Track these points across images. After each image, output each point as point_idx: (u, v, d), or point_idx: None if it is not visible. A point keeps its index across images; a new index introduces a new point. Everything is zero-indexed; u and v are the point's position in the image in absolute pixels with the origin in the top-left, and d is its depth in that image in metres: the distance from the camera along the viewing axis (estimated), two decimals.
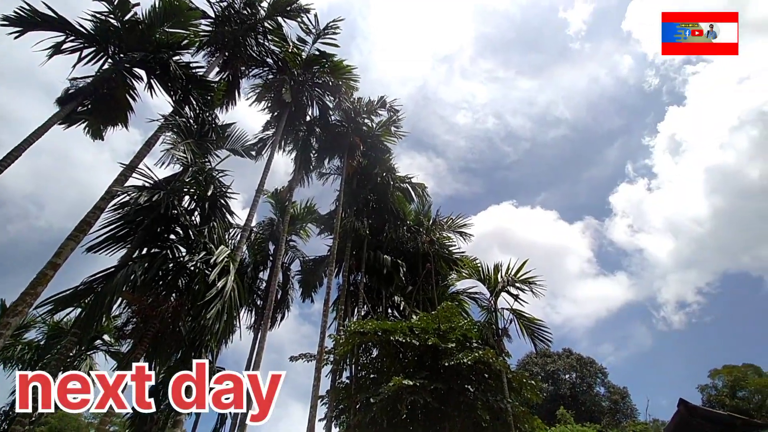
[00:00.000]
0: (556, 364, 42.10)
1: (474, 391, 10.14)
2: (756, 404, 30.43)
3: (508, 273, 12.28)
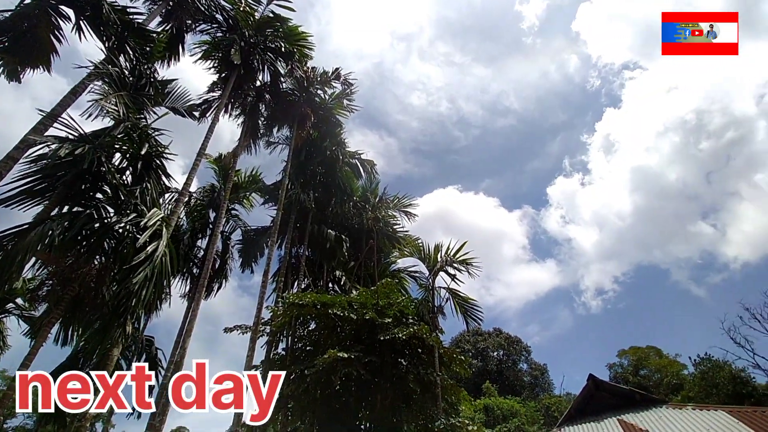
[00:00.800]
0: (486, 342, 44.62)
1: (406, 365, 10.48)
2: (655, 381, 34.05)
3: (448, 253, 12.68)
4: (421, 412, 11.43)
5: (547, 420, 29.77)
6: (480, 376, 40.39)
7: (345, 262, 18.04)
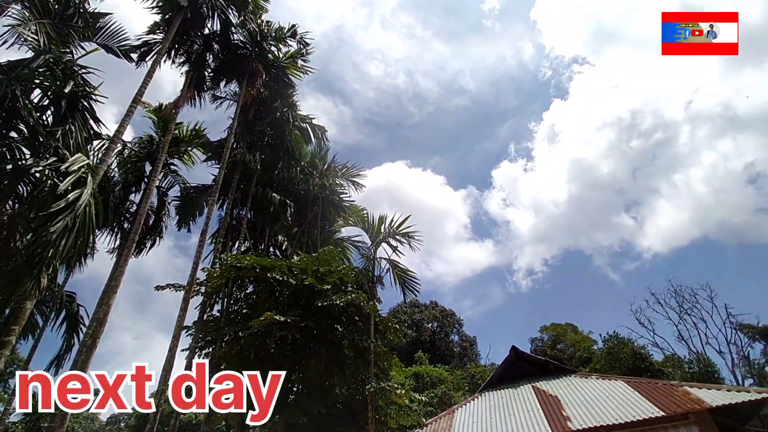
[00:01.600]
0: (422, 314, 46.37)
1: (342, 331, 10.68)
2: (569, 355, 37.19)
3: (391, 225, 12.86)
4: (353, 377, 11.77)
5: (471, 387, 31.69)
6: (414, 346, 42.07)
7: (288, 227, 17.77)
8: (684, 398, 8.64)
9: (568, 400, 10.12)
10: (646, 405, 8.73)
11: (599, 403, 9.50)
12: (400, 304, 47.78)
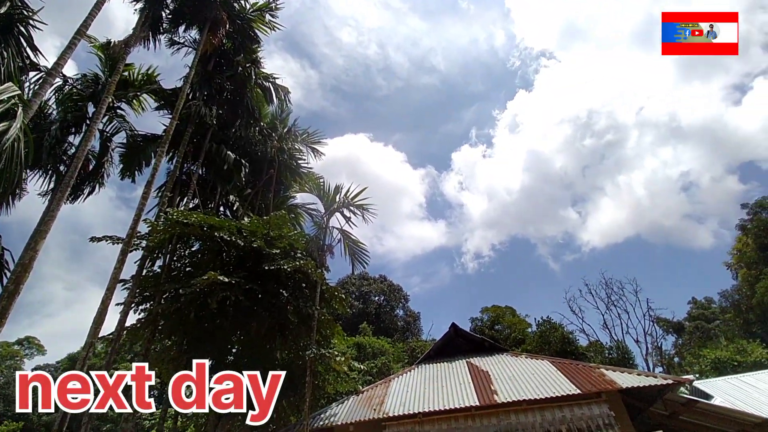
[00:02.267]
0: (370, 287, 47.13)
1: (287, 296, 10.64)
2: (505, 335, 39.22)
3: (347, 195, 12.79)
4: (295, 342, 11.85)
5: (411, 360, 32.86)
6: (359, 317, 42.85)
7: (241, 188, 17.23)
8: (599, 379, 9.43)
9: (497, 376, 10.76)
10: (565, 383, 9.45)
11: (525, 379, 10.17)
12: (349, 276, 48.24)
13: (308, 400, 9.53)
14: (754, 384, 13.62)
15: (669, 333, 41.32)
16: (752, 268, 32.54)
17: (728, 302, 39.01)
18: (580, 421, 8.51)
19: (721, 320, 37.65)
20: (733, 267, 37.64)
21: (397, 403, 9.97)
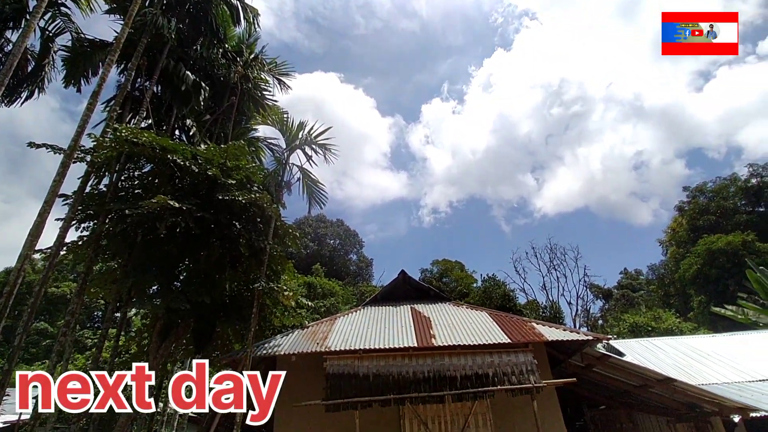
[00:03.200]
0: (327, 230, 47.47)
1: (240, 228, 10.51)
2: (451, 288, 41.14)
3: (310, 133, 12.46)
4: (245, 274, 11.88)
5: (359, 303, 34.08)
6: (313, 258, 43.37)
7: (200, 113, 16.32)
8: (529, 332, 10.21)
9: (438, 322, 11.40)
10: (499, 333, 10.18)
11: (462, 327, 10.85)
12: (306, 217, 48.21)
13: (253, 330, 9.74)
14: (661, 347, 15.27)
15: (599, 298, 44.90)
16: (681, 246, 35.38)
17: (654, 275, 42.60)
18: (506, 366, 9.27)
19: (645, 291, 41.23)
20: (665, 244, 40.76)
21: (340, 339, 10.41)
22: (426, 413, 10.15)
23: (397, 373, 9.29)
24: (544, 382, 9.07)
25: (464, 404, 9.93)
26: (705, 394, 9.43)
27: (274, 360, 10.92)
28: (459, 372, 9.22)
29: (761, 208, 33.69)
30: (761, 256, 27.06)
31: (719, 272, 28.99)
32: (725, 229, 31.41)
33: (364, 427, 8.87)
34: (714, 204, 35.32)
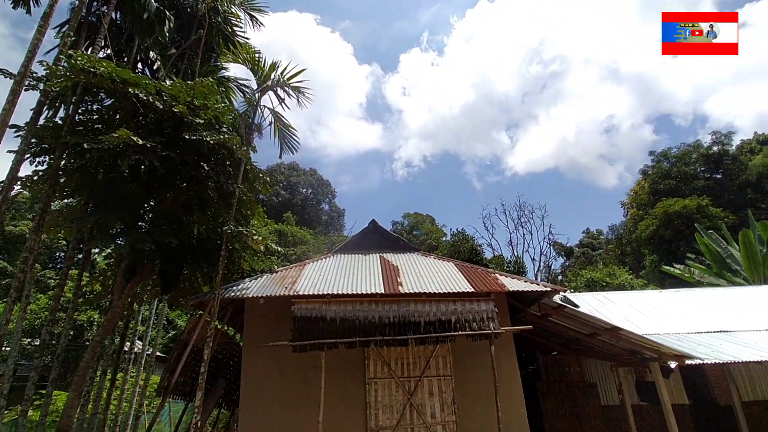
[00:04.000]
0: (299, 178, 46.79)
1: (208, 171, 10.21)
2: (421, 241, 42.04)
3: (283, 74, 11.93)
4: (213, 218, 11.69)
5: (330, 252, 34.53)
6: (284, 206, 43.00)
7: (164, 46, 15.27)
8: (492, 282, 10.66)
9: (405, 271, 11.70)
10: (463, 282, 10.58)
11: (429, 276, 11.19)
12: (278, 164, 47.31)
13: (221, 272, 9.73)
14: (612, 300, 16.32)
15: (561, 255, 47.02)
16: (641, 209, 36.99)
17: (614, 235, 44.70)
18: (468, 313, 9.72)
19: (604, 249, 43.37)
20: (626, 206, 42.51)
21: (309, 284, 10.57)
22: (390, 355, 10.66)
23: (363, 317, 9.59)
24: (503, 329, 9.60)
25: (426, 348, 10.48)
26: (646, 342, 10.25)
27: (242, 303, 11.04)
28: (423, 318, 9.61)
29: (719, 175, 35.31)
30: (712, 220, 28.72)
31: (673, 234, 30.68)
32: (683, 194, 32.92)
33: (330, 366, 9.25)
34: (675, 169, 36.70)
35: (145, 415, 15.03)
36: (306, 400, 9.70)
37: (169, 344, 22.89)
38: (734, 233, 25.60)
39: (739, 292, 17.74)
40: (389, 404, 10.33)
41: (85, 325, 17.36)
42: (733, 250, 24.80)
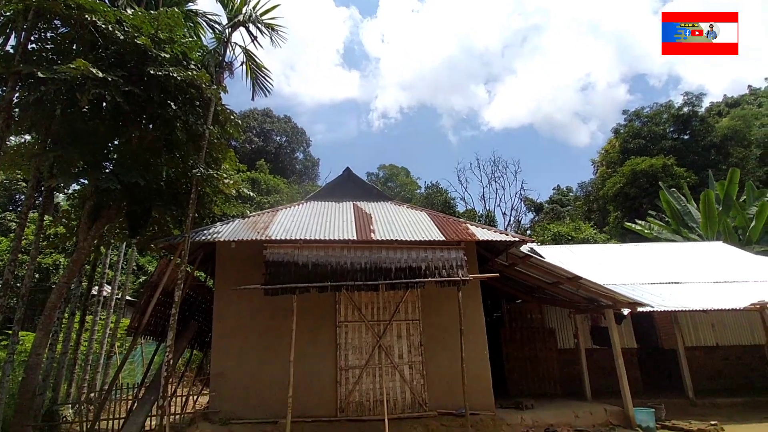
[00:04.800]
0: (273, 125, 45.37)
1: (176, 110, 9.76)
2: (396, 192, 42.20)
3: (255, 9, 11.22)
4: (183, 161, 11.32)
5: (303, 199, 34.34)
6: (257, 153, 41.92)
7: None
8: (463, 231, 10.92)
9: (378, 219, 11.81)
10: (435, 231, 10.79)
11: (401, 224, 11.35)
12: (251, 110, 45.60)
13: (191, 216, 9.57)
14: (576, 252, 17.08)
15: (531, 211, 48.31)
16: (610, 167, 37.95)
17: (583, 192, 46.01)
18: (438, 261, 9.99)
19: (572, 206, 44.74)
20: (597, 164, 43.49)
21: (281, 229, 10.56)
22: (360, 300, 10.97)
23: (335, 263, 9.74)
24: (471, 276, 9.95)
25: (397, 293, 10.80)
26: (604, 290, 10.89)
27: (213, 247, 10.99)
28: (394, 264, 9.84)
29: (686, 135, 36.30)
30: (676, 179, 29.84)
31: (637, 192, 31.82)
32: (652, 153, 33.83)
33: (302, 309, 9.45)
34: (646, 129, 37.45)
35: (117, 355, 15.20)
36: (277, 341, 9.96)
37: (139, 289, 22.79)
38: (695, 193, 26.81)
39: (693, 247, 18.88)
40: (359, 345, 10.77)
41: (51, 268, 17.00)
42: (692, 207, 26.05)
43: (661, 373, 14.42)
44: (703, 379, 13.67)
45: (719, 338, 14.78)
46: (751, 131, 33.52)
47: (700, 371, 13.84)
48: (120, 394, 10.80)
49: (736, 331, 14.84)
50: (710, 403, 12.28)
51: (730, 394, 13.07)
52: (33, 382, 9.43)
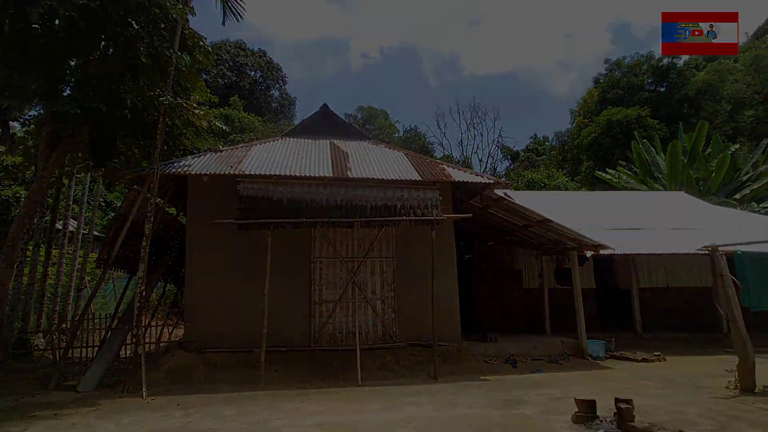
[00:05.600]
0: (247, 59, 42.93)
1: (138, 29, 9.03)
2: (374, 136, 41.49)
3: None
4: (149, 89, 10.64)
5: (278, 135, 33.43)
6: (231, 89, 39.94)
7: None
8: (440, 172, 10.95)
9: (355, 157, 11.66)
10: (411, 171, 10.79)
11: (378, 163, 11.27)
12: (224, 41, 42.85)
13: (160, 147, 9.18)
14: (546, 198, 17.59)
15: (507, 158, 48.67)
16: (587, 117, 38.11)
17: (559, 142, 46.42)
18: (413, 200, 10.06)
19: (548, 155, 45.26)
20: (575, 114, 43.56)
21: (255, 164, 10.31)
22: (335, 237, 11.06)
23: (310, 199, 9.69)
24: (445, 216, 10.11)
25: (371, 230, 10.92)
26: (570, 233, 11.31)
27: (185, 181, 10.70)
28: (370, 203, 9.86)
29: (663, 88, 36.45)
30: (648, 130, 30.34)
31: (611, 142, 32.30)
32: (629, 104, 33.99)
33: (276, 245, 9.48)
34: (625, 79, 37.35)
35: (88, 288, 15.08)
36: (253, 275, 9.95)
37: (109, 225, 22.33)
38: (665, 145, 27.41)
39: (655, 197, 19.62)
40: (333, 281, 11.01)
41: (11, 200, 16.29)
42: (660, 159, 26.78)
43: (617, 312, 15.45)
44: (654, 317, 14.72)
45: (670, 280, 15.78)
46: (724, 86, 33.95)
47: (652, 310, 14.87)
48: (93, 325, 10.84)
49: (686, 274, 15.86)
50: (656, 337, 13.36)
51: (676, 330, 14.20)
52: (0, 312, 9.33)
